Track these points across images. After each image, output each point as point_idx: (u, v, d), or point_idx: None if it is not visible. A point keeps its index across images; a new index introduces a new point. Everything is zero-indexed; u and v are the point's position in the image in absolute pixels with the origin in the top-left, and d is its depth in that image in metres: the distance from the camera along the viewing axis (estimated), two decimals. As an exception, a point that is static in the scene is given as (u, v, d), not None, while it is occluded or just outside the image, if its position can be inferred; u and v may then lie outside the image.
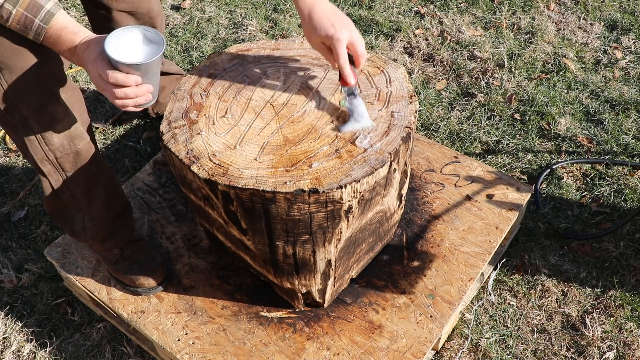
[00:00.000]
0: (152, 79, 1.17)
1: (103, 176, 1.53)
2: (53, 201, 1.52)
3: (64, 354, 1.78)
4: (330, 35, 1.26)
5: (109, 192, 1.56)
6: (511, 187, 1.85)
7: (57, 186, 1.46)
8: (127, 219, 1.66)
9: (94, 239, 1.60)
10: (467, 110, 2.43)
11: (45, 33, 1.15)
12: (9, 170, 2.31)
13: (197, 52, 2.77)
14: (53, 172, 1.43)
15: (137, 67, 1.11)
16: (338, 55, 1.28)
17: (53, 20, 1.14)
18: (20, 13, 1.12)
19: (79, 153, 1.43)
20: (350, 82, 1.32)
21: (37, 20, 1.13)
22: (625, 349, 1.71)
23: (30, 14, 1.13)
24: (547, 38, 2.74)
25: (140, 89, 1.14)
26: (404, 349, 1.52)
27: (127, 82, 1.11)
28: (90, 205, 1.53)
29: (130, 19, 1.92)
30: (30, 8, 1.12)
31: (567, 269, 1.90)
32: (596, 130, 2.32)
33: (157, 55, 1.13)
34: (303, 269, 1.45)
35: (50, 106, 1.32)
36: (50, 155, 1.39)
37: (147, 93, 1.16)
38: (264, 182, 1.23)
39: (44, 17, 1.13)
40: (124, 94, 1.13)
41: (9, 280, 1.96)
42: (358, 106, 1.35)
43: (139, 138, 2.39)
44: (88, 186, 1.50)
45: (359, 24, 2.87)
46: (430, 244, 1.73)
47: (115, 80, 1.10)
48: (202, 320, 1.59)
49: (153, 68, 1.15)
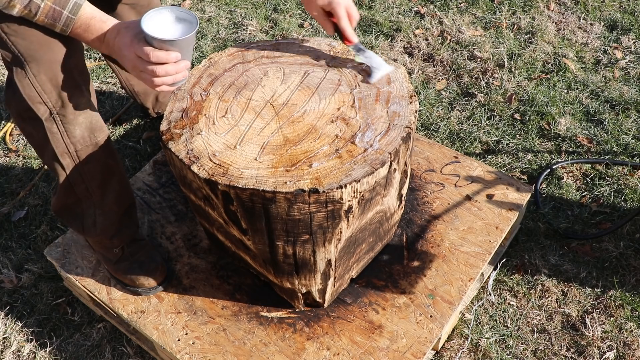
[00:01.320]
0: (187, 55, 1.20)
1: (118, 169, 1.55)
2: (66, 196, 1.53)
3: (64, 354, 1.78)
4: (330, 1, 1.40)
5: (122, 186, 1.58)
6: (511, 187, 1.85)
7: (73, 179, 1.48)
8: (132, 217, 1.67)
9: (104, 234, 1.60)
10: (467, 110, 2.43)
11: (74, 24, 1.17)
12: (9, 170, 2.31)
13: (197, 52, 2.77)
14: (72, 165, 1.45)
15: (175, 44, 1.15)
16: (340, 17, 1.42)
17: (81, 11, 1.16)
18: (49, 6, 1.14)
19: (99, 145, 1.45)
20: (354, 40, 1.47)
21: (65, 12, 1.15)
22: (625, 349, 1.71)
23: (58, 6, 1.15)
24: (547, 38, 2.74)
25: (179, 66, 1.17)
26: (404, 349, 1.52)
27: (169, 59, 1.14)
28: (103, 199, 1.54)
29: (132, 12, 1.92)
30: (58, 0, 1.14)
31: (567, 269, 1.90)
32: (596, 130, 2.32)
33: (193, 31, 1.16)
34: (303, 269, 1.45)
35: (75, 98, 1.35)
36: (71, 148, 1.41)
37: (185, 70, 1.20)
38: (264, 182, 1.23)
39: (72, 8, 1.15)
40: (164, 71, 1.16)
41: (9, 280, 1.96)
42: (372, 57, 1.49)
43: (139, 138, 2.39)
44: (104, 179, 1.51)
45: (359, 24, 2.87)
46: (430, 244, 1.73)
47: (157, 58, 1.13)
48: (202, 320, 1.59)
49: (189, 44, 1.18)
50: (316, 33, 2.84)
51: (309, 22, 2.92)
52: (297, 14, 2.97)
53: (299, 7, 3.00)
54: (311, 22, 2.92)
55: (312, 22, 2.92)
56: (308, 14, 2.95)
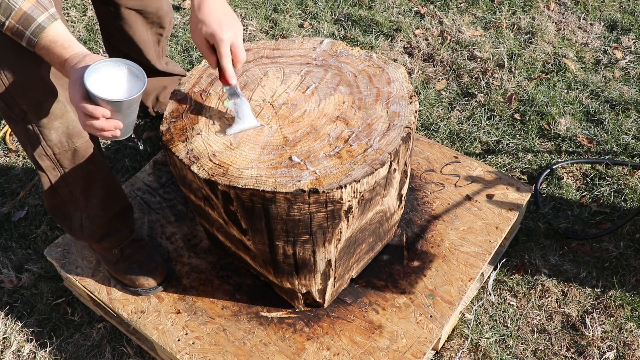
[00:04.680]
0: (126, 115, 1.15)
1: (101, 176, 1.53)
2: (52, 197, 1.54)
3: (64, 354, 1.78)
4: (215, 34, 1.27)
5: (108, 192, 1.57)
6: (511, 187, 1.85)
7: (55, 182, 1.48)
8: (126, 220, 1.66)
9: (91, 238, 1.61)
10: (467, 110, 2.43)
11: (35, 45, 1.15)
12: (9, 170, 2.31)
13: (197, 52, 2.77)
14: (52, 167, 1.45)
15: (110, 103, 1.10)
16: (222, 55, 1.28)
17: (43, 34, 1.14)
18: (12, 24, 1.13)
19: (77, 151, 1.44)
20: (232, 82, 1.33)
21: (27, 32, 1.14)
22: (625, 349, 1.71)
23: (21, 26, 1.13)
24: (547, 38, 2.74)
25: (108, 123, 1.13)
26: (404, 349, 1.52)
27: (94, 114, 1.10)
28: (88, 204, 1.54)
29: (139, 18, 1.92)
30: (22, 21, 1.13)
31: (567, 269, 1.90)
32: (596, 130, 2.32)
33: (134, 95, 1.11)
34: (303, 269, 1.45)
35: (49, 102, 1.34)
36: (49, 151, 1.41)
37: (115, 129, 1.14)
38: (264, 182, 1.23)
39: (34, 30, 1.14)
40: (90, 124, 1.12)
41: (9, 280, 1.96)
42: (242, 105, 1.35)
43: (139, 138, 2.39)
44: (86, 185, 1.51)
45: (359, 24, 2.87)
46: (430, 244, 1.73)
47: (84, 109, 1.10)
48: (202, 320, 1.59)
49: (128, 106, 1.13)
50: (316, 33, 2.85)
51: (308, 22, 2.92)
52: (297, 14, 2.97)
53: (298, 7, 3.01)
54: (311, 22, 2.92)
55: (312, 22, 2.92)
56: (308, 14, 2.95)
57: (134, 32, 1.95)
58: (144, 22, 1.95)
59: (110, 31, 1.99)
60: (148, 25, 1.97)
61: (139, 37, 1.98)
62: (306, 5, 3.01)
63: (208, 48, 1.31)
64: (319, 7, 2.98)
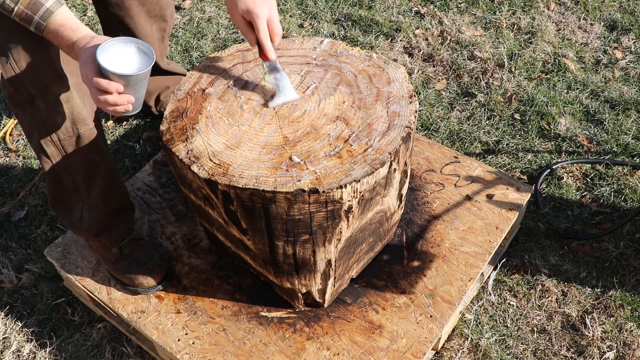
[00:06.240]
0: (137, 90, 1.20)
1: (104, 166, 1.55)
2: (55, 187, 1.56)
3: (64, 354, 1.78)
4: (250, 10, 1.30)
5: (109, 185, 1.58)
6: (511, 187, 1.85)
7: (59, 169, 1.50)
8: (126, 218, 1.67)
9: (89, 231, 1.61)
10: (467, 110, 2.43)
11: (44, 29, 1.20)
12: (9, 170, 2.31)
13: (197, 52, 2.77)
14: (56, 154, 1.47)
15: (122, 77, 1.16)
16: (258, 29, 1.32)
17: (51, 18, 1.19)
18: (21, 10, 1.19)
19: (81, 137, 1.46)
20: (271, 57, 1.37)
21: (36, 17, 1.19)
22: (625, 349, 1.71)
23: (30, 11, 1.19)
24: (547, 38, 2.74)
25: (121, 98, 1.17)
26: (404, 349, 1.52)
27: (108, 89, 1.15)
28: (90, 194, 1.55)
29: (141, 9, 1.91)
30: (30, 6, 1.18)
31: (567, 269, 1.90)
32: (596, 130, 2.32)
33: (144, 69, 1.17)
34: (303, 269, 1.45)
35: (55, 87, 1.36)
36: (54, 137, 1.43)
37: (127, 103, 1.19)
38: (264, 182, 1.23)
39: (42, 14, 1.19)
40: (104, 99, 1.17)
41: (9, 280, 1.96)
42: (282, 80, 1.40)
43: (139, 138, 2.39)
44: (88, 173, 1.52)
45: (359, 24, 2.87)
46: (430, 244, 1.73)
47: (98, 85, 1.15)
48: (202, 320, 1.59)
49: (138, 81, 1.18)
50: (316, 33, 2.85)
51: (308, 22, 2.92)
52: (297, 14, 2.97)
53: (298, 7, 3.01)
54: (311, 22, 2.92)
55: (312, 22, 2.92)
56: (308, 14, 2.95)
57: (135, 25, 1.94)
58: (147, 15, 1.95)
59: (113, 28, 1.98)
60: (151, 19, 1.97)
61: (142, 31, 1.97)
62: (306, 5, 3.01)
63: (246, 25, 1.34)
64: (319, 7, 2.98)
